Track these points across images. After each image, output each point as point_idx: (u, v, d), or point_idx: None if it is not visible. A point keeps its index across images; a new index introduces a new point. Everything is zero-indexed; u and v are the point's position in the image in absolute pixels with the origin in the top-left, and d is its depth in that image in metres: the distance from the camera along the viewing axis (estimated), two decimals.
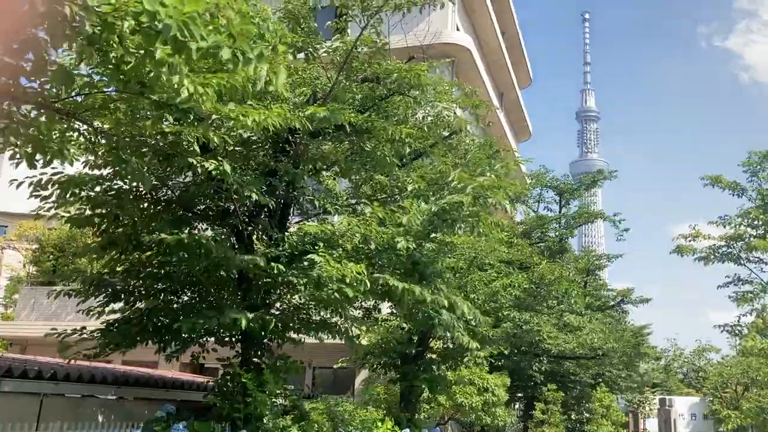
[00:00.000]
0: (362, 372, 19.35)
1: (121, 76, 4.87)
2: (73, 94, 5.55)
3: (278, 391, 9.54)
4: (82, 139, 6.73)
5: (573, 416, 23.18)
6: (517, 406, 26.00)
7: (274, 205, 8.38)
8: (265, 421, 8.50)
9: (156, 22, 3.64)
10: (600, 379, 25.23)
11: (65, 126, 5.84)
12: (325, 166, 9.52)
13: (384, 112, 9.42)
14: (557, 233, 23.23)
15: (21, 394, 7.94)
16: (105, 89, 5.63)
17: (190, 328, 7.55)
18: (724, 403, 27.50)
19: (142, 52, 4.20)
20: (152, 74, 4.47)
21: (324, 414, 9.86)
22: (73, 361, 8.96)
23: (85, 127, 6.13)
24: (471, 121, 12.55)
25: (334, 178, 10.91)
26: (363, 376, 19.56)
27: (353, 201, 9.83)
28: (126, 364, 13.71)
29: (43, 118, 5.15)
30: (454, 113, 11.68)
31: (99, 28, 3.86)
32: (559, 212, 24.14)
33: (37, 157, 6.31)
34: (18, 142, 5.29)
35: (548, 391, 21.10)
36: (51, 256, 24.23)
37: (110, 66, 4.79)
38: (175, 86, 4.40)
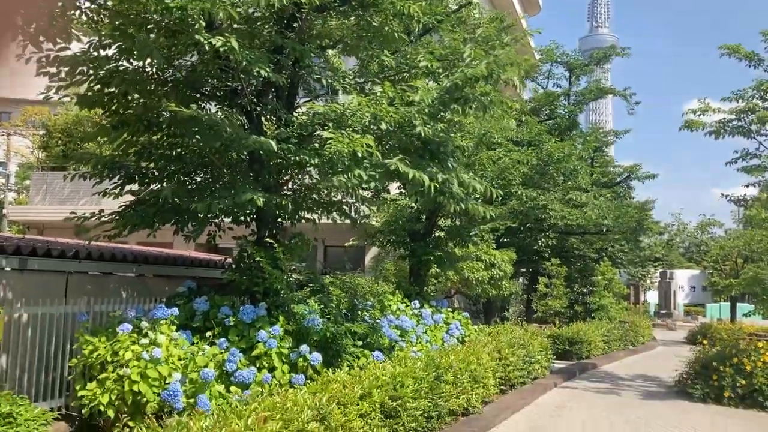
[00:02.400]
0: (372, 249, 19.89)
1: None
2: None
3: (292, 267, 9.87)
4: (84, 18, 6.59)
5: (576, 288, 23.92)
6: (521, 280, 26.81)
7: (283, 83, 8.26)
8: (282, 294, 8.87)
9: None
10: (603, 254, 25.79)
11: (68, 3, 5.71)
12: (331, 43, 9.31)
13: None
14: (566, 110, 22.91)
15: (48, 272, 8.27)
16: None
17: (205, 209, 7.69)
18: (724, 274, 28.27)
19: None
20: None
21: (339, 287, 10.24)
22: (93, 242, 9.21)
23: (88, 4, 5.98)
24: None
25: (340, 57, 10.70)
26: (372, 253, 20.12)
27: (361, 80, 9.68)
28: (142, 245, 14.02)
29: None
30: None
31: None
32: (569, 89, 23.67)
33: (41, 38, 6.25)
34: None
35: (551, 266, 21.68)
36: (59, 141, 24.25)
37: None
38: None
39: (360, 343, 9.00)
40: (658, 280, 45.12)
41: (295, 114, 9.30)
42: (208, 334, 8.17)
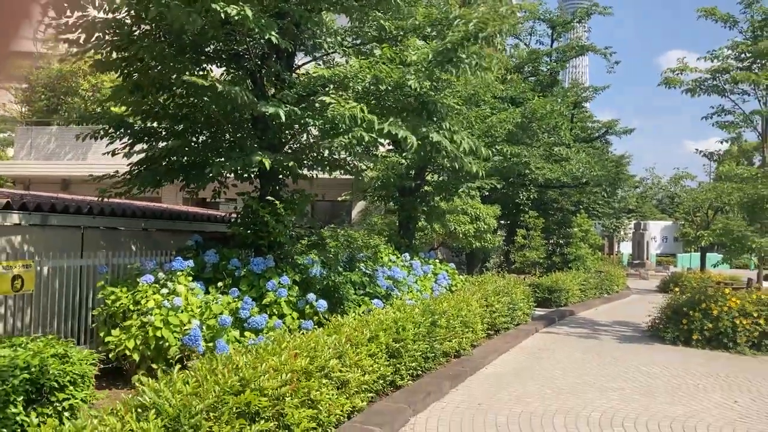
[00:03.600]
0: (358, 204, 20.49)
1: None
2: None
3: (293, 220, 10.41)
4: None
5: (554, 240, 24.79)
6: (499, 232, 27.69)
7: (286, 47, 8.64)
8: (286, 247, 9.45)
9: None
10: (580, 207, 26.65)
11: None
12: (330, 7, 9.63)
13: None
14: (548, 67, 23.39)
15: (66, 227, 8.73)
16: None
17: (218, 171, 8.17)
18: (695, 225, 29.32)
19: None
20: None
21: (337, 239, 10.82)
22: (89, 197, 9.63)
23: None
24: None
25: (332, 15, 11.01)
26: (359, 208, 20.73)
27: (357, 41, 10.06)
28: (130, 199, 14.24)
29: None
30: None
31: None
32: (551, 46, 24.08)
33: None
34: None
35: (529, 218, 22.47)
36: (42, 96, 24.18)
37: None
38: None
39: (360, 291, 9.65)
40: (632, 232, 46.45)
41: (295, 74, 9.71)
42: (219, 284, 8.74)
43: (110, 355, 7.64)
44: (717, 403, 8.23)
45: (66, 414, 5.09)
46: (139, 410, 3.94)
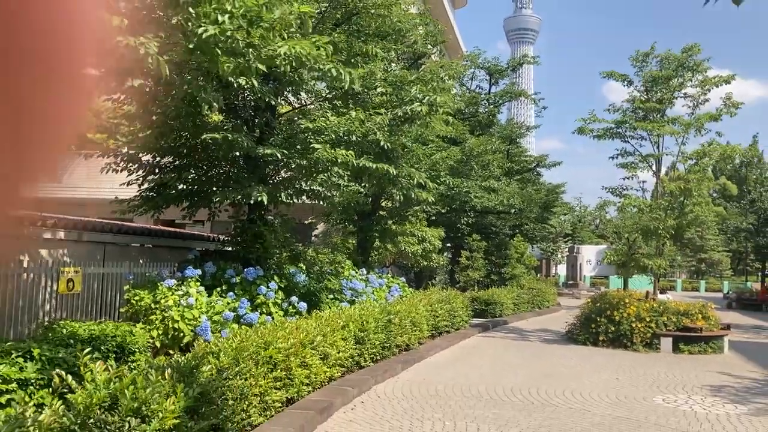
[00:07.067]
0: (319, 226, 22.80)
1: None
2: None
3: (280, 240, 12.71)
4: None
5: (493, 260, 27.53)
6: (445, 254, 30.32)
7: (274, 102, 10.99)
8: (274, 258, 11.75)
9: None
10: (517, 231, 29.57)
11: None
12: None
13: (355, 26, 11.96)
14: (486, 110, 26.48)
15: (93, 242, 10.82)
16: None
17: (224, 198, 10.47)
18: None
19: None
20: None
21: (306, 255, 13.17)
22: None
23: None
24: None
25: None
26: (319, 229, 23.03)
27: (330, 95, 12.51)
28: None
29: None
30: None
31: None
32: (489, 91, 27.28)
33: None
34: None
35: (472, 241, 25.14)
36: None
37: None
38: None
39: (331, 296, 12.01)
40: (567, 255, 50.01)
41: (278, 119, 12.11)
42: (218, 289, 10.94)
43: None
44: (603, 379, 10.87)
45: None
46: (211, 354, 6.20)
